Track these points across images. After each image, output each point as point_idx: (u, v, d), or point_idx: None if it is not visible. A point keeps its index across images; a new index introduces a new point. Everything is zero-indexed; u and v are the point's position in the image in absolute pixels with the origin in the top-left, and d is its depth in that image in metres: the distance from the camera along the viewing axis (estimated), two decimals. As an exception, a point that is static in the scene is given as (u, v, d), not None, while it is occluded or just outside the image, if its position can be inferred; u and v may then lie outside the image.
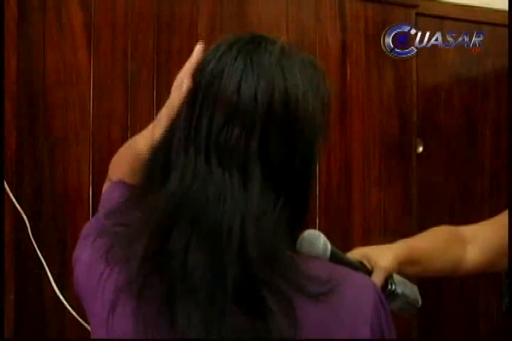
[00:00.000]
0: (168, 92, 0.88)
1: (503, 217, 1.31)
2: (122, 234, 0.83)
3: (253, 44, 0.81)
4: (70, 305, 1.66)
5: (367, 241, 2.16)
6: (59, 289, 1.69)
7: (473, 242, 1.29)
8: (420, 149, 2.33)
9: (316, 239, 0.95)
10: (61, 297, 1.68)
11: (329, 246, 0.98)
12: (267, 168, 0.78)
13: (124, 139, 1.87)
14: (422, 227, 2.08)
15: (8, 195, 1.66)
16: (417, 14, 2.29)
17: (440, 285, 2.31)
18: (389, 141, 2.25)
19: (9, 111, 1.69)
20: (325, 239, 0.97)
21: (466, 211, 2.40)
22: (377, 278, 1.09)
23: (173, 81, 0.88)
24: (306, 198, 0.84)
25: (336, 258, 0.98)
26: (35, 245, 1.70)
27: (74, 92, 1.83)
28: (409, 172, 2.28)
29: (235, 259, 0.75)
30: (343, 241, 2.10)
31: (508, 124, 2.12)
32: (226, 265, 0.74)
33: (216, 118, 0.78)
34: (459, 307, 2.40)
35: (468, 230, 1.32)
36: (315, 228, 0.94)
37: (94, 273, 0.86)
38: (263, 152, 0.78)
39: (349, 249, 1.16)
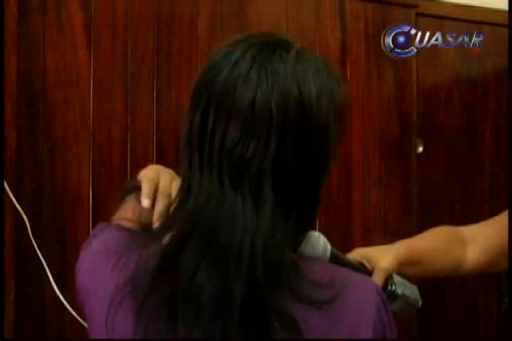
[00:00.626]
0: (169, 92, 0.87)
1: (503, 217, 1.31)
2: (133, 240, 0.83)
3: (267, 51, 0.79)
4: (70, 305, 1.66)
5: (367, 241, 2.16)
6: (59, 289, 1.69)
7: (473, 242, 1.29)
8: (420, 149, 2.33)
9: (316, 241, 0.95)
10: (61, 297, 1.68)
11: (329, 247, 0.98)
12: (279, 184, 0.77)
13: (124, 139, 1.89)
14: (422, 227, 2.08)
15: (8, 195, 1.66)
16: (417, 14, 2.29)
17: (440, 285, 2.31)
18: (389, 141, 2.25)
19: (9, 111, 1.69)
20: (325, 240, 0.97)
21: (466, 211, 2.40)
22: (377, 279, 1.09)
23: (173, 81, 0.87)
24: (316, 209, 0.83)
25: (335, 260, 0.98)
26: (35, 245, 1.70)
27: (74, 92, 1.83)
28: (409, 172, 2.28)
29: (244, 283, 0.74)
30: (343, 241, 2.10)
31: (508, 124, 2.12)
32: (234, 285, 0.74)
33: (229, 134, 0.76)
34: (459, 307, 2.40)
35: (468, 230, 1.32)
36: (315, 228, 0.94)
37: (96, 274, 0.86)
38: (277, 165, 0.76)
39: (349, 249, 1.16)
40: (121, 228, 0.87)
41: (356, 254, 1.14)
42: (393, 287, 1.12)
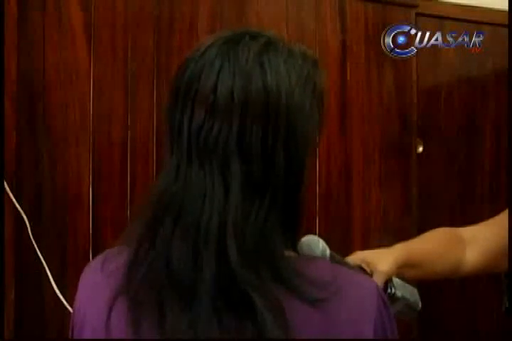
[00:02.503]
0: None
1: (503, 218, 1.31)
2: (118, 243, 0.84)
3: (233, 42, 0.81)
4: (70, 305, 1.66)
5: (367, 241, 2.16)
6: (59, 289, 1.69)
7: (472, 244, 1.29)
8: (420, 149, 2.33)
9: (315, 244, 0.95)
10: (61, 297, 1.68)
11: (328, 250, 0.98)
12: (248, 165, 0.77)
13: (124, 139, 1.89)
14: (422, 227, 2.08)
15: (8, 195, 1.66)
16: (417, 14, 2.29)
17: (440, 285, 2.31)
18: (389, 141, 2.25)
19: (9, 111, 1.69)
20: (324, 243, 0.97)
21: (466, 211, 2.40)
22: (377, 282, 1.08)
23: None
24: (297, 198, 0.82)
25: (334, 263, 0.98)
26: (35, 245, 1.70)
27: (74, 92, 1.83)
28: (409, 172, 2.28)
29: (214, 260, 0.75)
30: (343, 241, 2.10)
31: (508, 124, 2.12)
32: (205, 266, 0.74)
33: (195, 119, 0.78)
34: (459, 307, 2.40)
35: (466, 231, 1.31)
36: (315, 228, 0.94)
37: (90, 284, 0.87)
38: (242, 149, 0.77)
39: (349, 249, 1.16)
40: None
41: (355, 258, 1.14)
42: (393, 290, 1.11)
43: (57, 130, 1.80)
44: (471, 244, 1.29)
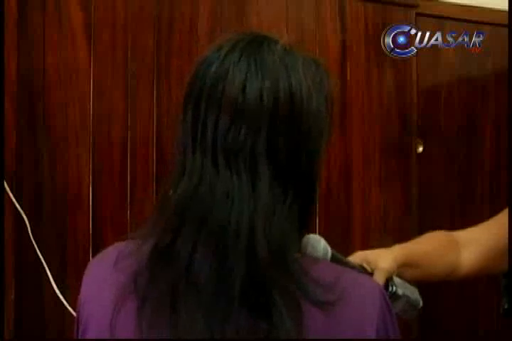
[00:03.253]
0: (169, 92, 0.88)
1: (499, 220, 1.32)
2: (132, 239, 0.83)
3: (256, 43, 0.81)
4: (70, 305, 1.66)
5: (367, 241, 2.16)
6: (59, 289, 1.69)
7: (467, 247, 1.30)
8: (420, 149, 2.33)
9: (317, 243, 0.96)
10: (61, 297, 1.68)
11: (329, 250, 0.98)
12: (274, 166, 0.78)
13: (124, 139, 1.89)
14: (422, 227, 2.08)
15: (8, 195, 1.66)
16: (417, 14, 2.28)
17: (440, 285, 2.31)
18: (389, 141, 2.25)
19: (9, 111, 1.69)
20: (325, 243, 0.97)
21: (466, 211, 2.40)
22: (378, 280, 1.09)
23: (173, 81, 0.88)
24: (313, 195, 0.84)
25: (336, 262, 0.98)
26: (35, 245, 1.70)
27: (74, 92, 1.83)
28: (409, 172, 2.28)
29: (243, 260, 0.74)
30: (343, 241, 2.10)
31: (508, 124, 2.12)
32: (233, 265, 0.74)
33: (222, 120, 0.77)
34: (459, 307, 2.40)
35: (462, 235, 1.33)
36: (315, 228, 0.95)
37: (98, 279, 0.86)
38: (270, 151, 0.77)
39: (349, 249, 1.16)
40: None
41: (356, 257, 1.15)
42: (394, 288, 1.12)
43: (57, 130, 1.80)
44: (465, 247, 1.30)
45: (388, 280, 1.12)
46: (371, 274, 1.10)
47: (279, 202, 0.78)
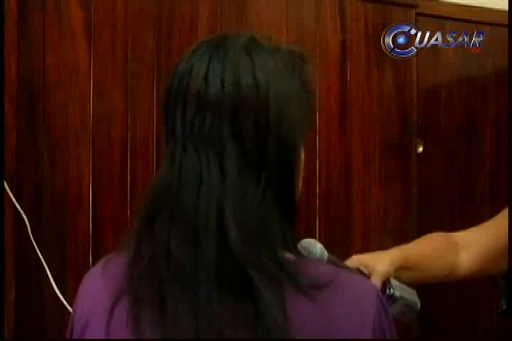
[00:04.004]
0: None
1: (498, 220, 1.32)
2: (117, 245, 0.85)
3: (220, 39, 0.83)
4: (70, 305, 1.66)
5: (367, 241, 2.16)
6: (59, 289, 1.69)
7: (465, 248, 1.30)
8: (420, 149, 2.33)
9: (313, 247, 0.96)
10: (61, 297, 1.68)
11: (326, 254, 0.98)
12: (242, 150, 0.79)
13: (124, 139, 1.89)
14: (422, 227, 2.08)
15: (8, 195, 1.66)
16: (417, 14, 2.28)
17: (440, 285, 2.31)
18: (389, 141, 2.25)
19: (9, 111, 1.69)
20: (322, 246, 0.98)
21: (466, 211, 2.40)
22: (375, 282, 1.09)
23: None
24: (290, 178, 0.83)
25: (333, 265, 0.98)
26: (35, 245, 1.70)
27: (74, 92, 1.83)
28: (409, 172, 2.28)
29: (214, 243, 0.75)
30: (343, 241, 2.10)
31: (508, 124, 2.12)
32: (205, 250, 0.75)
33: (188, 111, 0.80)
34: (458, 307, 2.40)
35: (460, 236, 1.33)
36: (315, 228, 0.95)
37: (91, 292, 0.86)
38: (237, 135, 0.78)
39: (349, 249, 1.16)
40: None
41: (353, 261, 1.15)
42: (391, 290, 1.12)
43: (57, 130, 1.81)
44: (463, 248, 1.30)
45: (385, 283, 1.12)
46: (368, 277, 1.10)
47: (251, 186, 0.78)
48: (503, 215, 1.32)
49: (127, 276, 0.79)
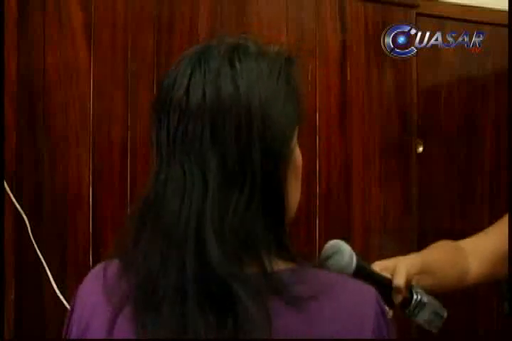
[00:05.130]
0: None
1: (501, 226, 1.33)
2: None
3: (202, 48, 0.83)
4: (69, 305, 1.66)
5: (367, 241, 2.16)
6: (59, 289, 1.69)
7: (472, 255, 1.31)
8: (420, 149, 2.33)
9: (344, 249, 0.95)
10: (61, 297, 1.68)
11: (355, 258, 0.97)
12: (224, 160, 0.78)
13: (124, 139, 1.89)
14: (422, 227, 2.08)
15: (8, 195, 1.66)
16: (417, 14, 2.28)
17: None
18: (389, 141, 2.25)
19: (9, 111, 1.69)
20: (351, 250, 0.96)
21: (466, 211, 2.40)
22: (399, 281, 1.09)
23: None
24: (278, 185, 0.81)
25: (361, 269, 0.98)
26: (35, 245, 1.70)
27: (74, 92, 1.83)
28: (409, 172, 2.28)
29: (193, 256, 0.75)
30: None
31: (508, 124, 2.12)
32: (186, 264, 0.75)
33: (171, 123, 0.80)
34: (459, 307, 2.39)
35: (466, 243, 1.34)
36: (315, 228, 0.94)
37: (92, 302, 0.87)
38: (217, 146, 0.78)
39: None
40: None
41: (375, 266, 1.15)
42: (419, 296, 1.11)
43: (57, 130, 1.80)
44: (471, 254, 1.31)
45: (411, 288, 1.11)
46: (390, 280, 1.10)
47: (233, 196, 0.77)
48: (506, 220, 1.32)
49: (123, 285, 0.79)
